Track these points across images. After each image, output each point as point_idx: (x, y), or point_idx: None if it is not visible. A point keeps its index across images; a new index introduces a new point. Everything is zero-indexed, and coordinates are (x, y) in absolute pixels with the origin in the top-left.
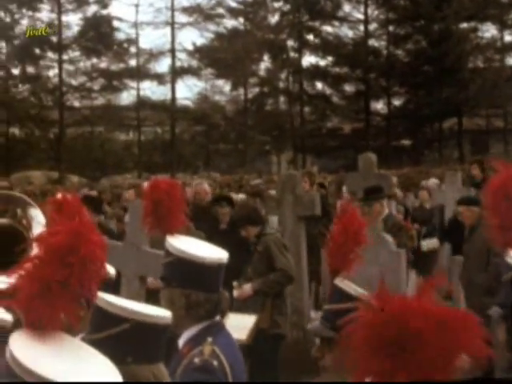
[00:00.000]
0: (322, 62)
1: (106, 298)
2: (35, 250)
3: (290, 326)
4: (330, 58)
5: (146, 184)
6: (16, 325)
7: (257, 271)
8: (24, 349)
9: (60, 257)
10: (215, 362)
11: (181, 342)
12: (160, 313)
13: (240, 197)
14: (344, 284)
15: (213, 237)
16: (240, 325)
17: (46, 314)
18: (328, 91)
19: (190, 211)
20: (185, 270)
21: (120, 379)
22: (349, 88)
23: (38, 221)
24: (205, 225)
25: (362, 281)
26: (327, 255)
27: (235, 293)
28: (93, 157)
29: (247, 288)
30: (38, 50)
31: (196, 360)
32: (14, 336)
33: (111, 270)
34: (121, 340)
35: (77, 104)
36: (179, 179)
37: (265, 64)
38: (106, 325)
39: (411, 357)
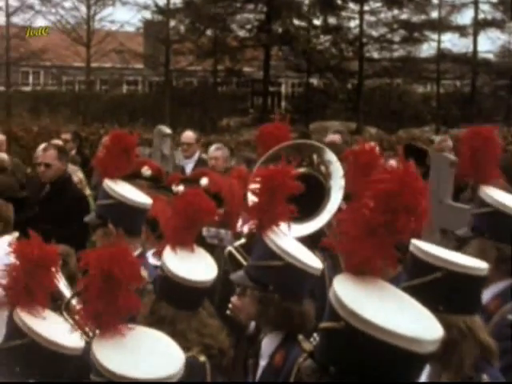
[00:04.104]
0: None
1: (421, 245)
2: (337, 198)
3: None
4: None
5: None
6: None
7: None
8: (348, 291)
9: (385, 203)
10: None
11: (485, 296)
12: (474, 263)
13: None
14: None
15: None
16: None
17: (368, 257)
18: None
19: None
20: (501, 223)
21: (440, 329)
22: None
23: (336, 166)
24: None
25: None
26: None
27: None
28: (390, 109)
29: None
30: (339, 1)
31: (510, 316)
32: (339, 278)
33: None
34: (433, 288)
35: (376, 55)
36: None
37: None
38: (419, 273)
39: None
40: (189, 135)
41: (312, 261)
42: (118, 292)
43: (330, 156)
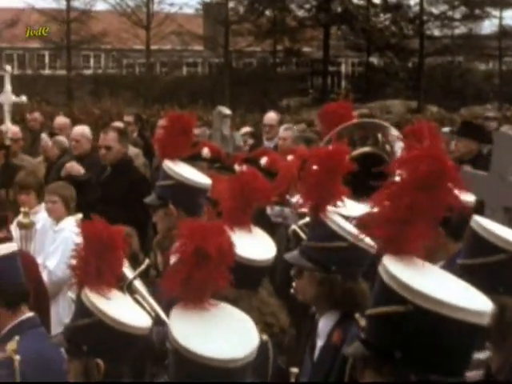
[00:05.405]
0: None
1: (484, 224)
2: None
3: None
4: None
5: None
6: None
7: None
8: (407, 274)
9: (423, 181)
10: None
11: None
12: None
13: None
14: None
15: None
16: None
17: (404, 238)
18: None
19: None
20: None
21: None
22: None
23: (400, 145)
24: None
25: None
26: None
27: None
28: (452, 87)
29: None
30: None
31: None
32: (389, 262)
33: None
34: (495, 269)
35: (437, 33)
36: None
37: None
38: (482, 252)
39: None
40: (271, 116)
41: (371, 241)
42: (209, 267)
43: (394, 135)
